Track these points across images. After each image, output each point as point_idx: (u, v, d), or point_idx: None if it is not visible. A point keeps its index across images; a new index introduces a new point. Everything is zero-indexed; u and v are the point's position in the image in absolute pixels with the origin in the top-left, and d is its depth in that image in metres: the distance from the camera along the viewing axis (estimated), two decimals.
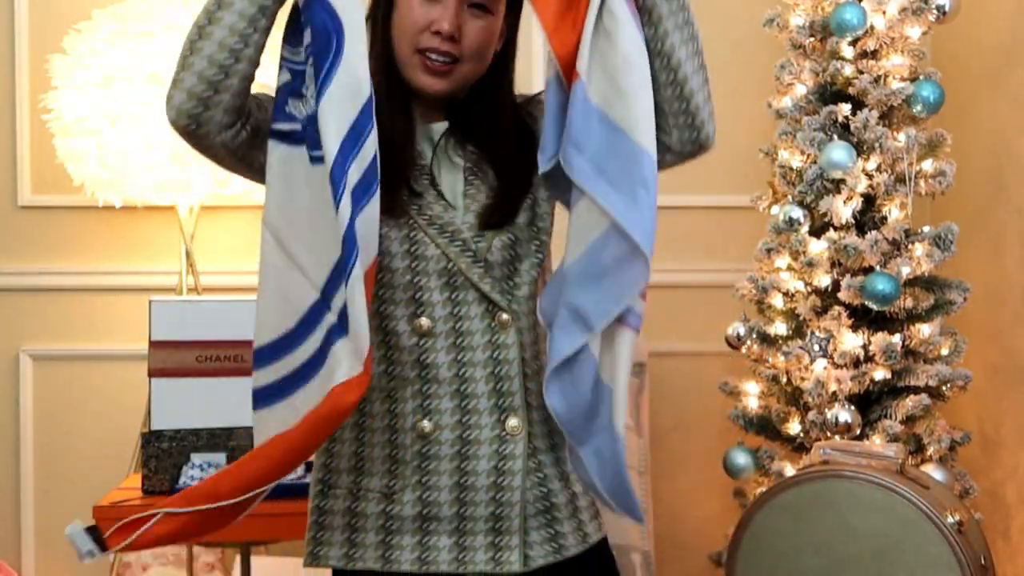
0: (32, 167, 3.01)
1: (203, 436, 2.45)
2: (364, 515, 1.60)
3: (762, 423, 2.59)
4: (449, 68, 1.60)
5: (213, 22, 1.51)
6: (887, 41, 2.49)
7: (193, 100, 1.49)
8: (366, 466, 1.61)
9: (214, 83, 1.49)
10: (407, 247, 1.56)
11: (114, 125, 2.63)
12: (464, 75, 1.62)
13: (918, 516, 1.96)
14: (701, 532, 3.05)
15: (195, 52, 1.51)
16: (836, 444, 2.18)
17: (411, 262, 1.57)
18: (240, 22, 1.49)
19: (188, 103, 1.49)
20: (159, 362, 2.47)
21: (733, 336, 2.61)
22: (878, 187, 2.45)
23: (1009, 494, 2.67)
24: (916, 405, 2.39)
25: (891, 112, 2.51)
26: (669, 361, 3.07)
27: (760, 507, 2.10)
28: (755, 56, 3.01)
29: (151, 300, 2.51)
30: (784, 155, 2.57)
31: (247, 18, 1.49)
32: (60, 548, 3.01)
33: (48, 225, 3.02)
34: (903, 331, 2.44)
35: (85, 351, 3.02)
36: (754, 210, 2.70)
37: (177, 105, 1.50)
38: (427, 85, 1.61)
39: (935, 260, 2.42)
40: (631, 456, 2.77)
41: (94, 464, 3.01)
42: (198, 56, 1.50)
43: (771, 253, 2.56)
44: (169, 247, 2.99)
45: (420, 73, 1.61)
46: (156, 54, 2.62)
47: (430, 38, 1.59)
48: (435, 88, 1.61)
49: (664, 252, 3.09)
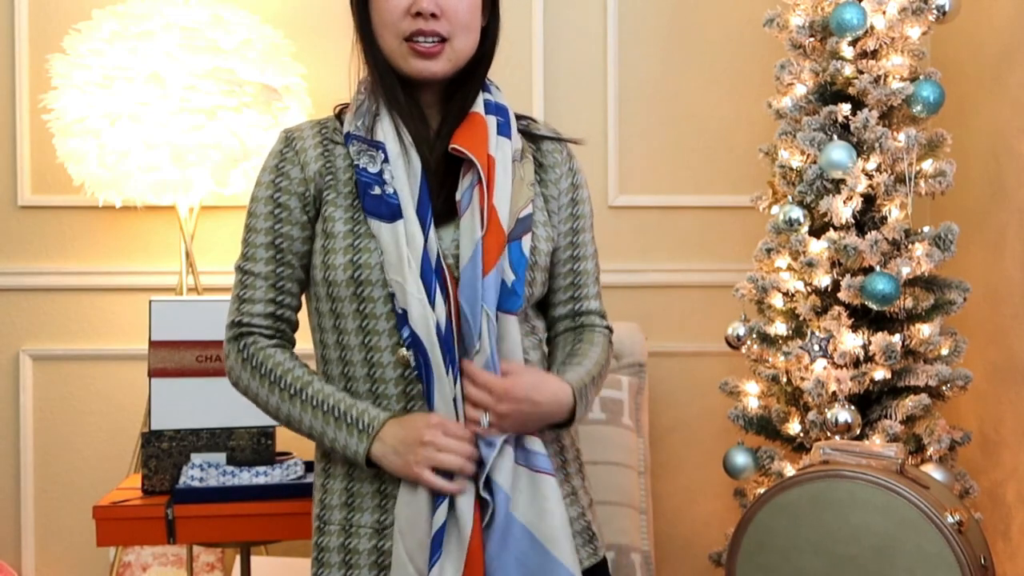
0: (32, 167, 3.01)
1: (203, 436, 2.45)
2: (357, 551, 1.60)
3: (762, 423, 2.59)
4: (439, 48, 1.58)
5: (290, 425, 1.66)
6: (887, 41, 2.49)
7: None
8: (356, 502, 1.61)
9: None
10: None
11: (114, 125, 2.63)
12: (457, 53, 1.60)
13: (918, 516, 1.96)
14: (701, 532, 3.05)
15: (277, 409, 1.67)
16: (836, 444, 2.17)
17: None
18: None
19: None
20: (159, 362, 2.47)
21: (733, 336, 2.61)
22: (878, 187, 2.45)
23: (1009, 494, 2.67)
24: (916, 405, 2.39)
25: (891, 112, 2.51)
26: (669, 361, 3.07)
27: (760, 507, 2.10)
28: (755, 56, 3.01)
29: (151, 300, 2.51)
30: (784, 155, 2.57)
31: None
32: (60, 548, 3.02)
33: (48, 225, 3.02)
34: (903, 331, 2.44)
35: (85, 351, 3.02)
36: (754, 210, 2.70)
37: (234, 383, 1.71)
38: (422, 70, 1.59)
39: (935, 260, 2.42)
40: (631, 456, 2.77)
41: (94, 464, 3.01)
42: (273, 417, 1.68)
43: (771, 253, 2.56)
44: (169, 247, 2.99)
45: (412, 60, 1.59)
46: (156, 54, 2.62)
47: (412, 21, 1.57)
48: (432, 71, 1.59)
49: (664, 252, 3.12)
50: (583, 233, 1.75)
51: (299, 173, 1.65)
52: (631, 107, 3.10)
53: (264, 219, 1.66)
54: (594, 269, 1.77)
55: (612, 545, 2.66)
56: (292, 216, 1.65)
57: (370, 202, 1.59)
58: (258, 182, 1.69)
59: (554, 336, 1.76)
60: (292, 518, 2.30)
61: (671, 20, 3.11)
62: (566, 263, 1.73)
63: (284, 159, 1.67)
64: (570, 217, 1.73)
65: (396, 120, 1.63)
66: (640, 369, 2.86)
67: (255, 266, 1.67)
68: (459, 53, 1.61)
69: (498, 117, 1.67)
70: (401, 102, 1.63)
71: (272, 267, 1.66)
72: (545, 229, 1.68)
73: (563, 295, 1.74)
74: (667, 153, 3.11)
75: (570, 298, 1.74)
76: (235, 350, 1.67)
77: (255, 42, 2.73)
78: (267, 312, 1.66)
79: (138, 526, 2.32)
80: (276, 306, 1.67)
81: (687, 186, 3.12)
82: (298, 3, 3.02)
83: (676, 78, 3.11)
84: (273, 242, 1.66)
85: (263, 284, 1.66)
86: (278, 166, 1.67)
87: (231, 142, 2.66)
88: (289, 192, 1.65)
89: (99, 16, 2.72)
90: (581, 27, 3.09)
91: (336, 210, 1.62)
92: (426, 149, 1.64)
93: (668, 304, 3.08)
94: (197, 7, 2.71)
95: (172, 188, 2.67)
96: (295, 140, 1.68)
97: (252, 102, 2.68)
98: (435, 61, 1.59)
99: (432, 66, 1.59)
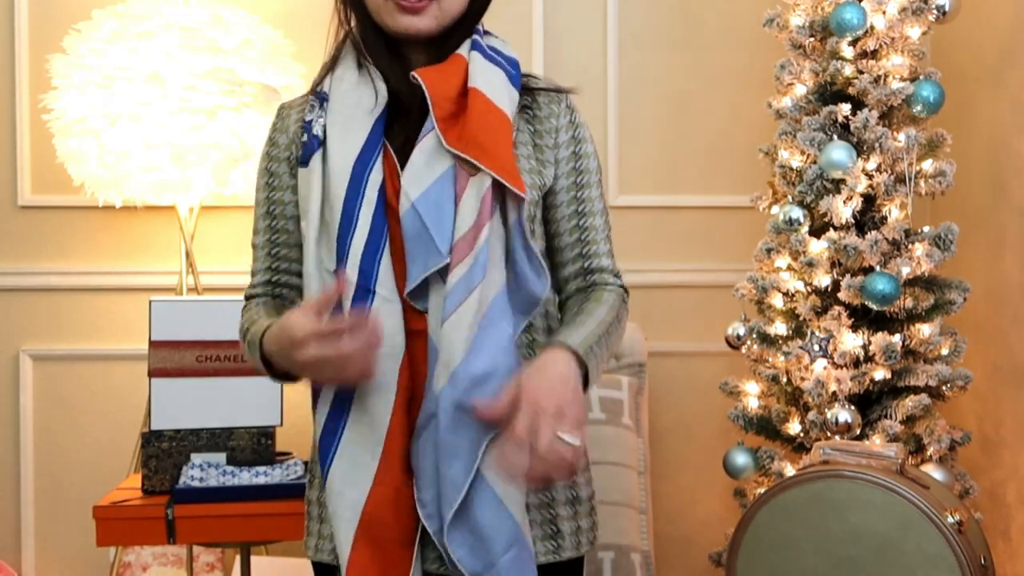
0: (32, 167, 3.01)
1: (203, 436, 2.45)
2: (326, 505, 1.58)
3: (762, 423, 2.59)
4: (426, 3, 1.53)
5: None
6: (887, 41, 2.49)
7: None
8: None
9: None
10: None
11: (114, 125, 2.63)
12: (444, 9, 1.56)
13: (918, 516, 1.96)
14: (701, 532, 3.05)
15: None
16: (836, 444, 2.17)
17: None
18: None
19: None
20: (159, 362, 2.47)
21: (733, 336, 2.61)
22: (878, 187, 2.45)
23: (1009, 494, 2.67)
24: (916, 405, 2.39)
25: (891, 112, 2.51)
26: (669, 361, 3.07)
27: (760, 507, 2.10)
28: (755, 56, 3.01)
29: (151, 300, 2.51)
30: (784, 155, 2.57)
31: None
32: (60, 548, 3.02)
33: (48, 225, 3.02)
34: (903, 331, 2.44)
35: (85, 351, 3.02)
36: (754, 210, 2.70)
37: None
38: (408, 27, 1.55)
39: (935, 260, 2.42)
40: (631, 456, 2.77)
41: (94, 464, 3.01)
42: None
43: (771, 253, 2.56)
44: (169, 247, 2.99)
45: (397, 15, 1.54)
46: (156, 54, 2.62)
47: None
48: (417, 28, 1.55)
49: (664, 252, 3.12)
50: (589, 188, 1.67)
51: (284, 139, 1.67)
52: (631, 107, 3.10)
53: (262, 190, 1.69)
54: (603, 225, 1.69)
55: (612, 545, 2.66)
56: (282, 182, 1.66)
57: (302, 152, 1.60)
58: (260, 158, 1.73)
59: (566, 299, 1.69)
60: (292, 518, 2.29)
61: (671, 20, 3.11)
62: (571, 219, 1.66)
63: (275, 129, 1.70)
64: (573, 171, 1.66)
65: (363, 61, 1.60)
66: (640, 369, 2.86)
67: (257, 238, 1.69)
68: (446, 10, 1.56)
69: (490, 57, 1.61)
70: (386, 60, 1.59)
71: (268, 236, 1.68)
72: (531, 176, 1.61)
73: (570, 252, 1.67)
74: (667, 153, 3.11)
75: (578, 255, 1.67)
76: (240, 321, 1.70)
77: (255, 42, 2.73)
78: (265, 280, 1.68)
79: (138, 526, 2.33)
80: (272, 273, 1.68)
81: (687, 186, 3.12)
82: (298, 3, 3.02)
83: (676, 78, 3.11)
84: (269, 211, 1.68)
85: (262, 254, 1.69)
86: (270, 137, 1.70)
87: (231, 142, 2.66)
88: (278, 160, 1.67)
89: (99, 16, 2.72)
90: (581, 27, 3.09)
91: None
92: (408, 99, 1.59)
93: (668, 304, 3.08)
94: (197, 7, 2.70)
95: (172, 188, 2.67)
96: (284, 110, 1.71)
97: (252, 102, 2.68)
98: (421, 17, 1.54)
99: (418, 22, 1.54)
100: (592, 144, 1.70)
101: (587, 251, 1.67)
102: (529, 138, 1.64)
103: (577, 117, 1.69)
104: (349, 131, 1.57)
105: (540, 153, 1.64)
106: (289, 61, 2.81)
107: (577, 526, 1.64)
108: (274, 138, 1.69)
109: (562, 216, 1.66)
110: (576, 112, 1.69)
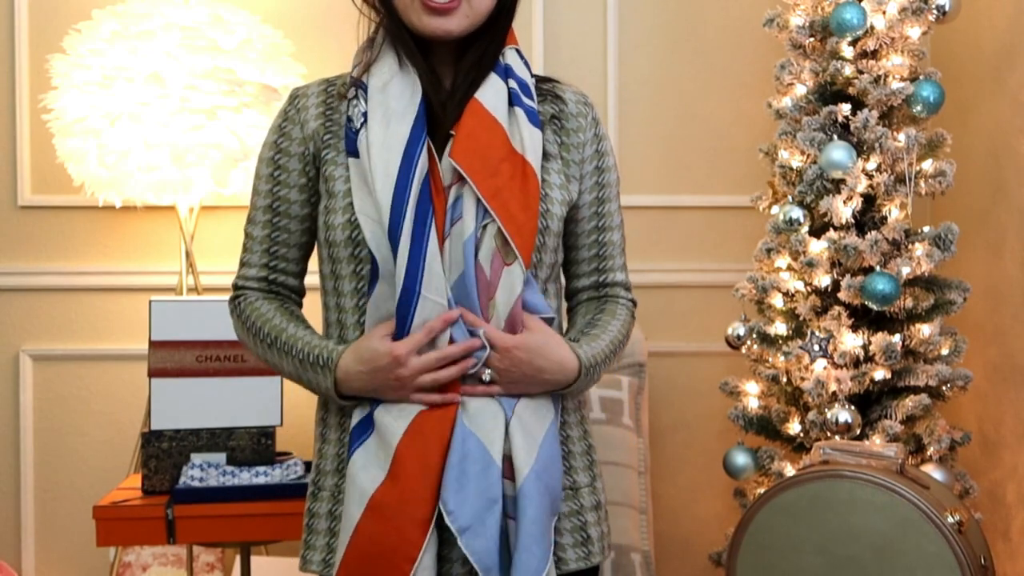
0: (32, 167, 3.01)
1: (203, 436, 2.45)
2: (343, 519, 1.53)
3: (762, 423, 2.59)
4: (456, 3, 1.49)
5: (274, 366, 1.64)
6: (887, 41, 2.49)
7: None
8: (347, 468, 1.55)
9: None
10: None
11: (114, 125, 2.63)
12: (475, 9, 1.51)
13: (918, 516, 1.96)
14: (701, 532, 3.05)
15: (265, 359, 1.65)
16: (836, 444, 2.17)
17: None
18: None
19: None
20: (159, 362, 2.47)
21: (733, 336, 2.61)
22: (878, 187, 2.45)
23: (1009, 494, 2.67)
24: (916, 405, 2.39)
25: (891, 112, 2.51)
26: (669, 361, 3.07)
27: (760, 507, 2.10)
28: (755, 56, 3.01)
29: (151, 300, 2.51)
30: (784, 155, 2.57)
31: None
32: (60, 548, 3.02)
33: (48, 225, 3.02)
34: (903, 331, 2.44)
35: (85, 351, 3.02)
36: (754, 210, 2.70)
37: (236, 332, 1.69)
38: (435, 28, 1.50)
39: (935, 260, 2.42)
40: (631, 456, 2.77)
41: (94, 464, 3.01)
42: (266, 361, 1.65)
43: (771, 253, 2.56)
44: (169, 247, 2.99)
45: (424, 16, 1.50)
46: (156, 54, 2.62)
47: None
48: (446, 29, 1.50)
49: (664, 252, 3.12)
50: (609, 203, 1.67)
51: (299, 132, 1.60)
52: (631, 107, 3.10)
53: (265, 181, 1.63)
54: (620, 240, 1.69)
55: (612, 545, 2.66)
56: (291, 178, 1.61)
57: (348, 144, 1.54)
58: (264, 142, 1.65)
59: (575, 305, 1.69)
60: (292, 518, 2.29)
61: (671, 20, 3.11)
62: (591, 233, 1.66)
63: (287, 119, 1.62)
64: (595, 186, 1.65)
65: (400, 55, 1.56)
66: (640, 369, 2.86)
67: (254, 228, 1.65)
68: (477, 10, 1.51)
69: (519, 87, 1.59)
70: (414, 60, 1.56)
71: (268, 231, 1.63)
72: (561, 192, 1.60)
73: (587, 266, 1.67)
74: (667, 153, 3.11)
75: (595, 269, 1.67)
76: (232, 311, 1.66)
77: (255, 42, 2.73)
78: (260, 276, 1.65)
79: (138, 526, 2.32)
80: (269, 270, 1.64)
81: (687, 186, 3.12)
82: (298, 3, 3.02)
83: (676, 78, 3.11)
84: (271, 205, 1.62)
85: (259, 248, 1.64)
86: (281, 126, 1.62)
87: (231, 142, 2.66)
88: (289, 153, 1.61)
89: (99, 16, 2.72)
90: (581, 27, 3.09)
91: (336, 168, 1.56)
92: (439, 108, 1.56)
93: (668, 304, 3.08)
94: (197, 7, 2.71)
95: (172, 188, 2.67)
96: (299, 99, 1.63)
97: (252, 102, 2.68)
98: (451, 18, 1.49)
99: (447, 23, 1.50)
100: (613, 156, 1.70)
101: (603, 266, 1.68)
102: (557, 151, 1.63)
103: (601, 130, 1.69)
104: (394, 121, 1.52)
105: (567, 168, 1.63)
106: (289, 61, 2.81)
107: (601, 531, 1.66)
108: (286, 129, 1.62)
109: (582, 231, 1.66)
110: (600, 125, 1.69)
